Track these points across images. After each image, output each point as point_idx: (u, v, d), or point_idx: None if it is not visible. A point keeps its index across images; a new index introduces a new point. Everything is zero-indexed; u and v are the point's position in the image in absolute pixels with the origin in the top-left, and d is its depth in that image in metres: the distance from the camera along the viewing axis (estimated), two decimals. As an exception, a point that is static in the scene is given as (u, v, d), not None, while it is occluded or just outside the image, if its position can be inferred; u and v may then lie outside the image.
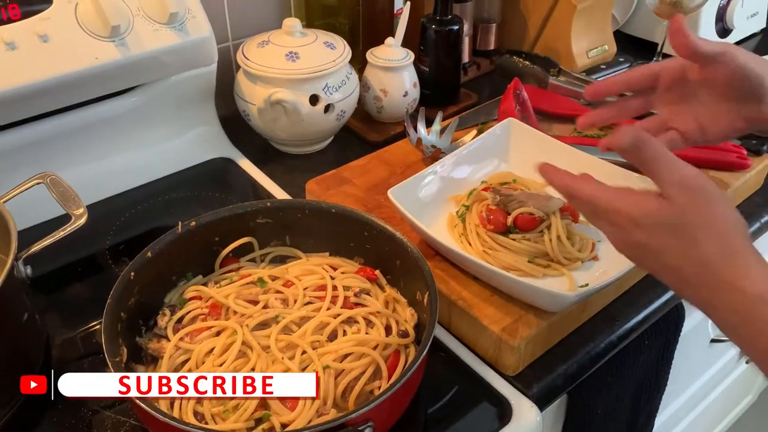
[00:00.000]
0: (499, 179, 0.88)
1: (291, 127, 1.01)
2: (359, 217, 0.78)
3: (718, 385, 1.44)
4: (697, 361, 1.23)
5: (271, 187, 0.99)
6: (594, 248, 0.81)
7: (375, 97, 1.11)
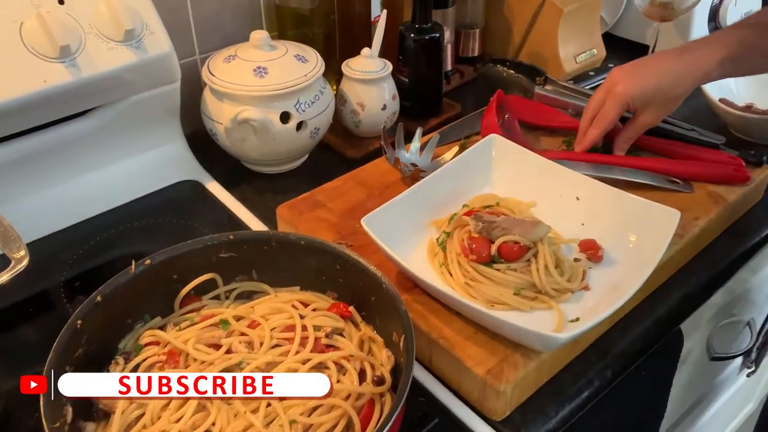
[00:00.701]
0: (482, 202, 0.82)
1: (261, 146, 0.95)
2: (330, 250, 0.72)
3: (718, 399, 1.38)
4: (698, 378, 1.18)
5: (241, 212, 0.93)
6: (585, 277, 0.76)
7: (352, 111, 1.05)
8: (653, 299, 0.81)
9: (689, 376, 1.10)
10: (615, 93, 0.88)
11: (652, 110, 0.89)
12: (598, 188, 0.82)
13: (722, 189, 0.91)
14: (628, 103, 0.88)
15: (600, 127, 0.90)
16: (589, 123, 0.91)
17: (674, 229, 0.75)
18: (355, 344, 0.68)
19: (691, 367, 1.08)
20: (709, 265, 0.87)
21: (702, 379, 1.21)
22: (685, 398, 1.18)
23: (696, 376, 1.15)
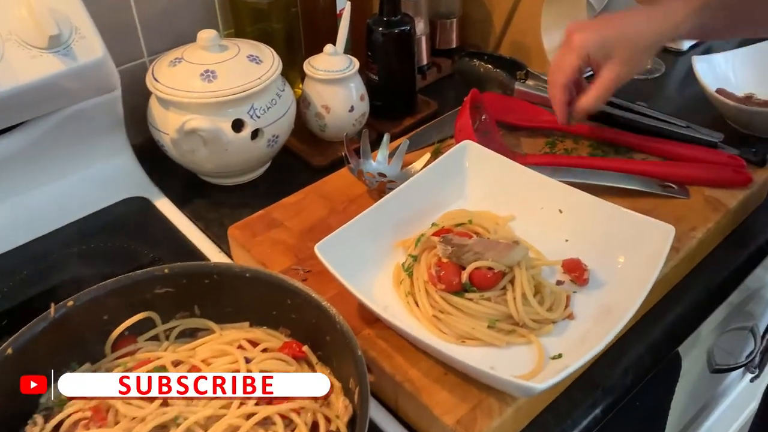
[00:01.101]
0: (452, 220, 0.73)
1: (212, 158, 0.86)
2: (279, 283, 0.64)
3: (720, 405, 1.31)
4: (698, 391, 1.10)
5: (192, 232, 0.84)
6: (569, 303, 0.67)
7: (316, 114, 0.96)
8: (646, 322, 0.73)
9: (689, 391, 1.03)
10: (571, 43, 0.77)
11: (616, 64, 0.77)
12: (582, 200, 0.74)
13: (721, 193, 0.82)
14: (587, 54, 0.76)
15: (557, 85, 0.79)
16: (558, 90, 0.81)
17: (668, 247, 0.67)
18: (309, 391, 0.60)
19: (691, 381, 1.00)
20: (707, 280, 0.79)
21: (703, 390, 1.13)
22: (685, 412, 1.11)
23: (696, 389, 1.07)
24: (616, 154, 0.89)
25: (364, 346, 0.64)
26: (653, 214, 0.78)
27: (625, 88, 1.13)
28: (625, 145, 0.89)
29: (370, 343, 0.65)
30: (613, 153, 0.89)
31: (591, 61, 0.77)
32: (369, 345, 0.65)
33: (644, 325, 0.72)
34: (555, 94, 0.81)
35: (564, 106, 0.81)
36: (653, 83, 1.14)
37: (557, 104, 0.81)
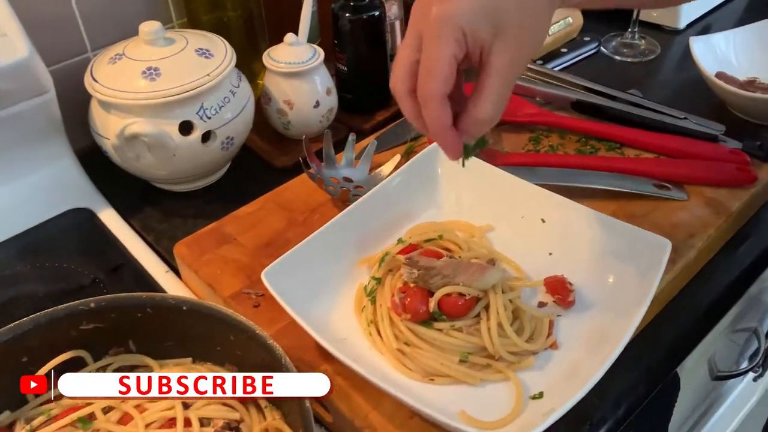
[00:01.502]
0: (421, 235, 0.65)
1: (159, 165, 0.78)
2: (221, 317, 0.56)
3: (722, 405, 1.24)
4: (700, 397, 1.03)
5: (138, 248, 0.76)
6: (552, 330, 0.59)
7: (278, 110, 0.88)
8: (640, 343, 0.65)
9: (688, 402, 0.96)
10: (433, 19, 0.45)
11: (510, 43, 0.45)
12: (567, 207, 0.66)
13: (723, 193, 0.74)
14: (461, 29, 0.44)
15: (433, 98, 0.46)
16: (409, 97, 0.48)
17: (664, 264, 0.59)
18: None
19: (691, 392, 0.93)
20: (707, 291, 0.71)
21: (704, 397, 1.06)
22: (684, 423, 1.04)
23: (697, 397, 1.00)
24: (606, 150, 0.81)
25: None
26: (647, 219, 0.71)
27: (616, 72, 1.07)
28: (616, 140, 0.81)
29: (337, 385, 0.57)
30: (604, 149, 0.81)
31: (469, 44, 0.45)
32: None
33: (638, 348, 0.64)
34: (432, 115, 0.47)
35: (451, 133, 0.48)
36: (647, 66, 1.05)
37: (439, 131, 0.48)
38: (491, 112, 0.47)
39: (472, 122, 0.48)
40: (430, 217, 0.70)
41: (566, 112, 0.85)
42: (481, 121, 0.48)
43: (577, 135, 0.83)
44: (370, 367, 0.56)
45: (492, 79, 0.46)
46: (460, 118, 0.48)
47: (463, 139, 0.48)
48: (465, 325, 0.57)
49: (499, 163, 0.77)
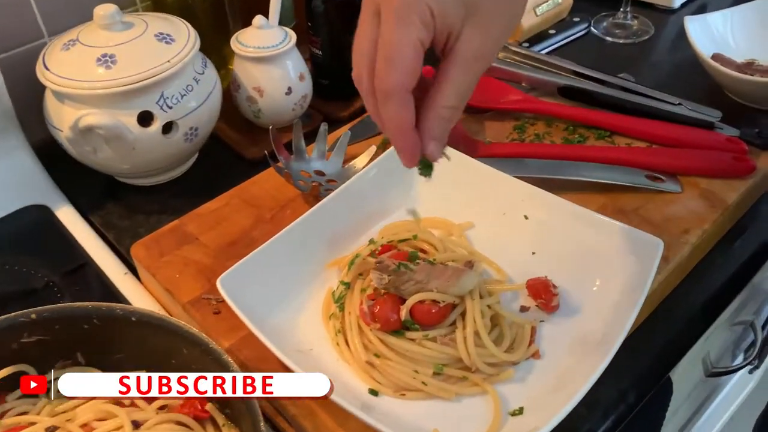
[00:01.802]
0: (394, 234, 0.60)
1: (118, 158, 0.73)
2: (173, 329, 0.51)
3: (714, 400, 1.20)
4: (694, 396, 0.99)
5: (97, 248, 0.71)
6: (534, 338, 0.55)
7: (248, 98, 0.82)
8: (629, 348, 0.60)
9: (681, 401, 0.92)
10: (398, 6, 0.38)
11: (481, 26, 0.39)
12: (551, 203, 0.61)
13: (720, 185, 0.70)
14: (429, 9, 0.38)
15: (396, 91, 0.39)
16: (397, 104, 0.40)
17: (655, 266, 0.54)
18: (212, 462, 0.49)
19: (685, 391, 0.89)
20: (702, 290, 0.67)
21: (697, 393, 1.02)
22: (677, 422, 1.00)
23: (690, 394, 0.96)
24: (596, 138, 0.76)
25: (284, 400, 0.52)
26: (638, 214, 0.67)
27: (607, 54, 1.01)
28: (606, 128, 0.76)
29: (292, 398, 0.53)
30: (593, 137, 0.76)
31: (437, 28, 0.39)
32: (290, 400, 0.53)
33: (628, 354, 0.60)
34: (391, 115, 0.40)
35: (411, 135, 0.42)
36: (640, 48, 1.00)
37: (397, 133, 0.41)
38: (456, 106, 0.41)
39: (435, 119, 0.41)
40: (407, 213, 0.65)
41: (553, 98, 0.80)
42: (445, 118, 0.41)
43: (564, 123, 0.78)
44: (336, 381, 0.51)
45: (458, 68, 0.40)
46: (420, 115, 0.41)
47: (424, 140, 0.42)
48: (439, 334, 0.52)
49: (480, 155, 0.72)
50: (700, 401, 1.08)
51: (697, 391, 1.00)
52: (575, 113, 0.77)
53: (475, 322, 0.52)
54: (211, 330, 0.58)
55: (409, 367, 0.52)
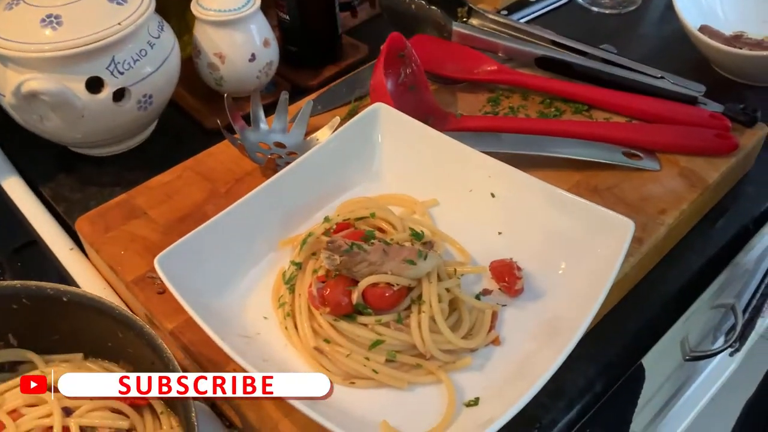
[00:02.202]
0: (351, 211, 0.57)
1: (66, 127, 0.69)
2: (104, 310, 0.48)
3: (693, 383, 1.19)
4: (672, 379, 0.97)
5: (43, 222, 0.68)
6: (495, 323, 0.52)
7: (209, 64, 0.78)
8: (598, 335, 0.58)
9: (656, 384, 0.89)
10: None
11: None
12: (519, 181, 0.57)
13: (700, 163, 0.66)
14: None
15: None
16: None
17: (624, 248, 0.51)
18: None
19: (659, 375, 0.87)
20: (678, 274, 0.63)
21: (674, 377, 1.00)
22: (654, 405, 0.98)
23: (666, 378, 0.94)
24: (573, 112, 0.72)
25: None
26: (613, 192, 0.63)
27: (591, 25, 0.97)
28: (583, 101, 0.73)
29: (235, 385, 0.49)
30: (570, 111, 0.72)
31: None
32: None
33: (595, 340, 0.57)
34: None
35: None
36: (625, 19, 0.96)
37: None
38: None
39: None
40: (368, 189, 0.62)
41: (530, 70, 0.76)
42: None
43: (541, 95, 0.74)
44: (280, 368, 0.48)
45: None
46: None
47: None
48: (393, 319, 0.49)
49: (450, 128, 0.69)
50: (678, 385, 1.06)
51: (675, 374, 0.98)
52: (552, 85, 0.73)
53: (431, 307, 0.49)
54: (155, 311, 0.55)
55: (360, 354, 0.48)
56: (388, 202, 0.60)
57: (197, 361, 0.52)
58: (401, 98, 0.68)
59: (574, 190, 0.63)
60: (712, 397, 1.46)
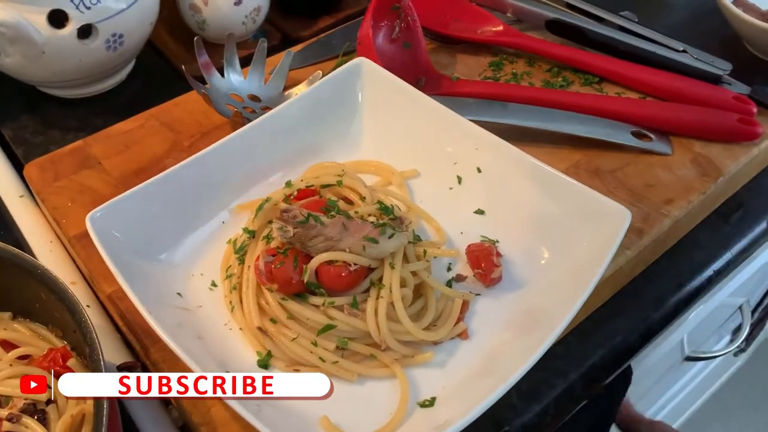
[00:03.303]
0: (316, 177, 0.51)
1: (27, 63, 0.63)
2: (25, 267, 0.43)
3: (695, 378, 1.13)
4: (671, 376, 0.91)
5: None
6: (464, 315, 0.46)
7: (191, 5, 0.72)
8: (583, 333, 0.52)
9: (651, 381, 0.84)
10: None
11: None
12: (509, 156, 0.51)
13: (717, 150, 0.60)
14: None
15: None
16: None
17: (616, 240, 0.45)
18: (63, 430, 0.41)
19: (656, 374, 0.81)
20: (681, 270, 0.57)
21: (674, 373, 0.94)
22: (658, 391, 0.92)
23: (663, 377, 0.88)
24: (581, 84, 0.66)
25: (161, 365, 0.44)
26: (616, 176, 0.57)
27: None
28: (595, 73, 0.66)
29: (169, 364, 0.45)
30: (578, 83, 0.66)
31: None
32: (168, 366, 0.45)
33: (578, 338, 0.52)
34: None
35: None
36: (655, -15, 0.87)
37: None
38: None
39: None
40: (343, 154, 0.56)
41: (539, 33, 0.69)
42: None
43: (548, 63, 0.67)
44: (216, 348, 0.43)
45: None
46: None
47: None
48: (348, 302, 0.44)
49: (443, 92, 0.62)
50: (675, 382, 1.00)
51: (672, 372, 0.92)
52: (561, 53, 0.66)
53: (392, 292, 0.43)
54: (94, 272, 0.50)
55: (308, 339, 0.43)
56: (361, 170, 0.54)
57: (132, 331, 0.47)
58: (392, 55, 0.62)
59: (572, 171, 0.57)
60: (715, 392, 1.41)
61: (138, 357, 0.49)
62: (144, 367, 0.48)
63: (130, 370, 0.49)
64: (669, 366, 0.85)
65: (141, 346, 0.47)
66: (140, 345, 0.47)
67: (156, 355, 0.45)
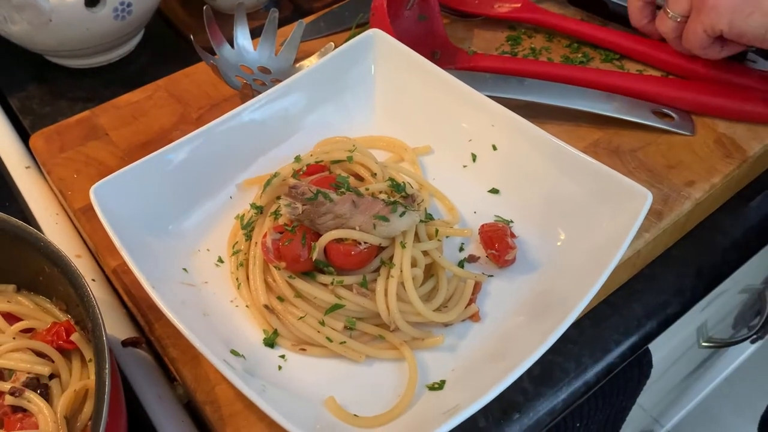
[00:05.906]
0: (326, 153, 0.49)
1: (35, 32, 0.62)
2: (28, 240, 0.42)
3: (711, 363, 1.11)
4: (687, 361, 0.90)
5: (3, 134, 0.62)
6: (476, 295, 0.45)
7: (202, -25, 0.70)
8: (599, 316, 0.51)
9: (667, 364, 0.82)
10: None
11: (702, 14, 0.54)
12: (526, 134, 0.49)
13: (742, 130, 0.57)
14: None
15: None
16: None
17: (638, 221, 0.43)
18: (64, 407, 0.40)
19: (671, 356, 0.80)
20: (700, 253, 0.56)
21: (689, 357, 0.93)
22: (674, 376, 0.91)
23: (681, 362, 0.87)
24: (602, 60, 0.63)
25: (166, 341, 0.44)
26: (636, 156, 0.55)
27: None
28: (616, 50, 0.64)
29: (174, 340, 0.44)
30: (599, 59, 0.64)
31: None
32: (172, 342, 0.44)
33: (594, 324, 0.51)
34: None
35: None
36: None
37: None
38: None
39: None
40: (354, 128, 0.54)
41: (560, 8, 0.67)
42: None
43: (568, 38, 0.65)
44: (222, 325, 0.42)
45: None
46: None
47: None
48: (357, 281, 0.42)
49: (459, 67, 0.60)
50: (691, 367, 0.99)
51: (687, 356, 0.91)
52: (582, 28, 0.64)
53: (402, 272, 0.42)
54: (99, 245, 0.49)
55: (315, 318, 0.42)
56: (372, 145, 0.52)
57: (137, 306, 0.46)
58: (407, 27, 0.60)
59: (591, 149, 0.55)
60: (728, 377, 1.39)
61: (143, 332, 0.48)
62: (148, 341, 0.48)
63: (134, 345, 0.48)
64: (684, 351, 0.84)
65: (145, 321, 0.46)
66: (144, 320, 0.46)
67: (160, 331, 0.44)
